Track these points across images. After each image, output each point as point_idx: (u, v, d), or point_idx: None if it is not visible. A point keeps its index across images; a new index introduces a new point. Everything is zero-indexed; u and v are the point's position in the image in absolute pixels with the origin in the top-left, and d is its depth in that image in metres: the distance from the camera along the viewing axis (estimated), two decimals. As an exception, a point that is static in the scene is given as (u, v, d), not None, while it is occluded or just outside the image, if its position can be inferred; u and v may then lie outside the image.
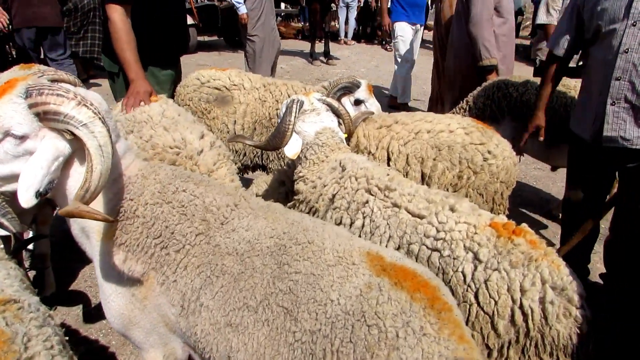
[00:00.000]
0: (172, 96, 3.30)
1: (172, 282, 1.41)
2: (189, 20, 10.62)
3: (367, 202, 1.90)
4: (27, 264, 2.93)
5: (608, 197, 2.73)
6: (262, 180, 2.69)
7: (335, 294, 1.22)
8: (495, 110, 3.45)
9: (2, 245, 1.71)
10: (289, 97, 3.27)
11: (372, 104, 3.03)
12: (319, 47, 10.63)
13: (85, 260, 3.41)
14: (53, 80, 1.39)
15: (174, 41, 3.22)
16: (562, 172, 3.38)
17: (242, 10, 6.09)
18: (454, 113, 3.64)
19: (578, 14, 2.47)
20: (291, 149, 2.12)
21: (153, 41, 2.95)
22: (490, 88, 3.58)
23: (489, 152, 2.45)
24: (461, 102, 3.78)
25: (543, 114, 2.82)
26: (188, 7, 10.65)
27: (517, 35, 9.08)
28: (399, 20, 6.43)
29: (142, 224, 1.44)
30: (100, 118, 1.28)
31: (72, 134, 1.29)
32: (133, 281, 1.48)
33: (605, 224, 3.10)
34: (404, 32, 6.47)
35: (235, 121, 3.37)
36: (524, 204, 4.26)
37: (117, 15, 2.64)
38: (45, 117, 1.28)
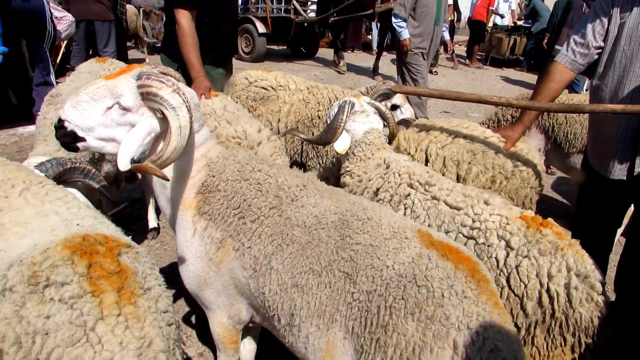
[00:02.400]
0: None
1: (247, 248, 1.66)
2: (261, 29, 10.96)
3: (408, 195, 2.12)
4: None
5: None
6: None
7: (391, 261, 1.44)
8: None
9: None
10: (330, 100, 3.54)
11: (407, 109, 3.27)
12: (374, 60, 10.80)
13: (137, 242, 3.70)
14: (162, 73, 1.68)
15: (225, 44, 3.53)
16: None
17: (405, 35, 5.38)
18: (483, 124, 3.86)
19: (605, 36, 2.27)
20: (341, 145, 2.37)
21: (207, 44, 3.25)
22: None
23: (519, 159, 2.64)
24: (491, 114, 4.00)
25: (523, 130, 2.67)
26: (263, 16, 10.98)
27: None
28: None
29: (224, 196, 1.70)
30: (187, 106, 1.57)
31: (163, 114, 1.58)
32: (211, 246, 1.73)
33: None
34: None
35: (279, 119, 3.64)
36: (550, 216, 4.38)
37: (185, 20, 2.96)
38: (147, 97, 1.59)
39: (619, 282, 2.40)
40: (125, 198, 3.81)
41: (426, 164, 2.68)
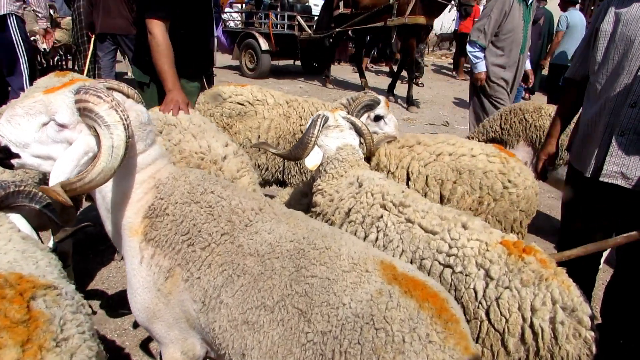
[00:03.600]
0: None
1: (196, 278, 1.49)
2: (264, 46, 10.58)
3: (381, 216, 1.95)
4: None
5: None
6: (286, 192, 2.79)
7: (348, 298, 1.28)
8: (512, 135, 3.55)
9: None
10: (311, 113, 3.39)
11: (390, 119, 3.13)
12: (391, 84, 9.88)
13: (104, 263, 3.56)
14: (109, 88, 1.53)
15: (200, 57, 3.39)
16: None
17: (481, 67, 4.51)
18: (470, 137, 3.73)
19: (596, 36, 2.24)
20: (311, 161, 2.21)
21: (182, 56, 3.10)
22: (506, 113, 3.70)
23: (510, 180, 2.46)
24: (478, 126, 3.88)
25: (555, 142, 2.63)
26: (267, 33, 10.77)
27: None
28: None
29: (172, 221, 1.54)
30: (124, 124, 1.41)
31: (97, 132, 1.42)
32: (159, 276, 1.56)
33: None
34: None
35: (259, 136, 3.47)
36: (537, 231, 4.25)
37: (159, 30, 2.79)
38: (83, 113, 1.44)
39: (606, 308, 2.26)
40: (95, 217, 3.61)
41: (407, 183, 2.52)
